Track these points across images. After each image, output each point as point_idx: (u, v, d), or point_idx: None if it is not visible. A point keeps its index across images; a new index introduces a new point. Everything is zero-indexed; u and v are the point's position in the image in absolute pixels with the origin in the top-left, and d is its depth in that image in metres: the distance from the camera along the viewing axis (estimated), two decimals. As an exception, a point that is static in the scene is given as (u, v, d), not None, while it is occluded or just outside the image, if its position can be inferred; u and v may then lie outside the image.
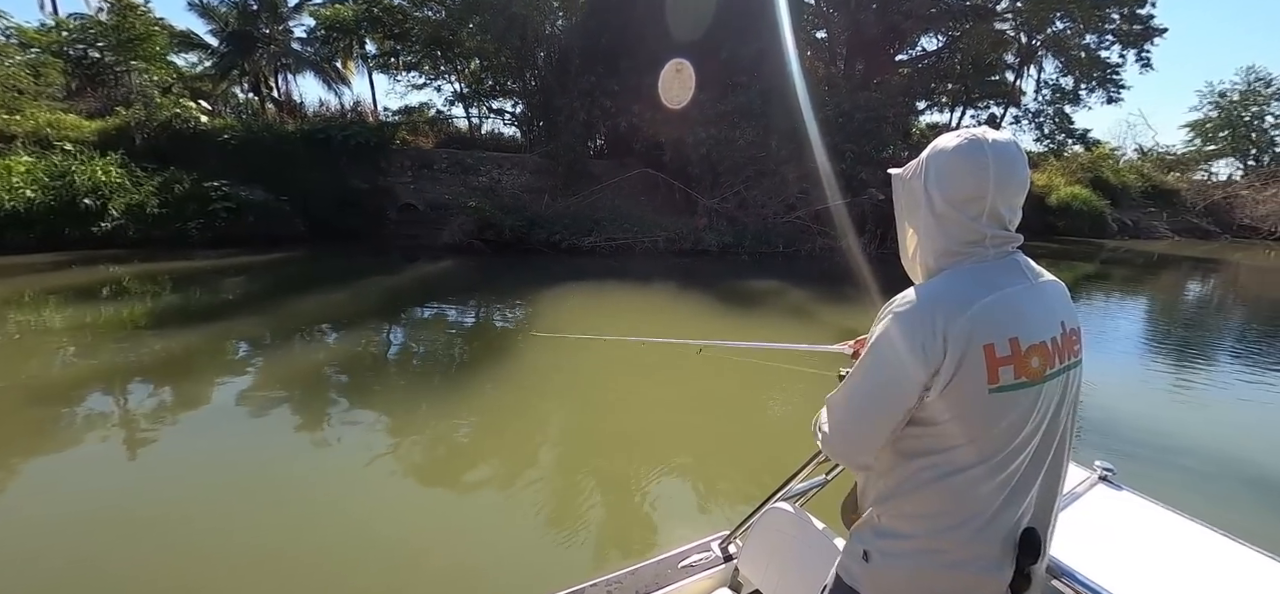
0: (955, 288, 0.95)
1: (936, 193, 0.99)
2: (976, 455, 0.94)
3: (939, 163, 0.99)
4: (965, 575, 0.98)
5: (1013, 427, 0.93)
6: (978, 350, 0.90)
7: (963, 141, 0.97)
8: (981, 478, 0.94)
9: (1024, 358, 0.91)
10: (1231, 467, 4.48)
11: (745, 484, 3.89)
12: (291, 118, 16.82)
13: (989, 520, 0.95)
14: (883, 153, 14.74)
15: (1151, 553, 1.33)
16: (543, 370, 6.16)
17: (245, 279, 10.25)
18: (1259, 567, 1.29)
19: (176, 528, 3.25)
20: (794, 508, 1.87)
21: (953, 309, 0.91)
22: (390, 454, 4.16)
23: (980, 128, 1.00)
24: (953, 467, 0.95)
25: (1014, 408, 0.92)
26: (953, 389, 0.91)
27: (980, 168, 0.95)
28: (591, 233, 13.81)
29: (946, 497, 0.96)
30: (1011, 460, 0.95)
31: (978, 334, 0.90)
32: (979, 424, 0.93)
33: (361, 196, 14.19)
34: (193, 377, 5.63)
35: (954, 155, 0.97)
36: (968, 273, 0.97)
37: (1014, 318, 0.92)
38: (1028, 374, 0.92)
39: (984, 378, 0.90)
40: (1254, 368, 7.47)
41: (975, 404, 0.91)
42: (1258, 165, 30.06)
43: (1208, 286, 14.99)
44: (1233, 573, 1.27)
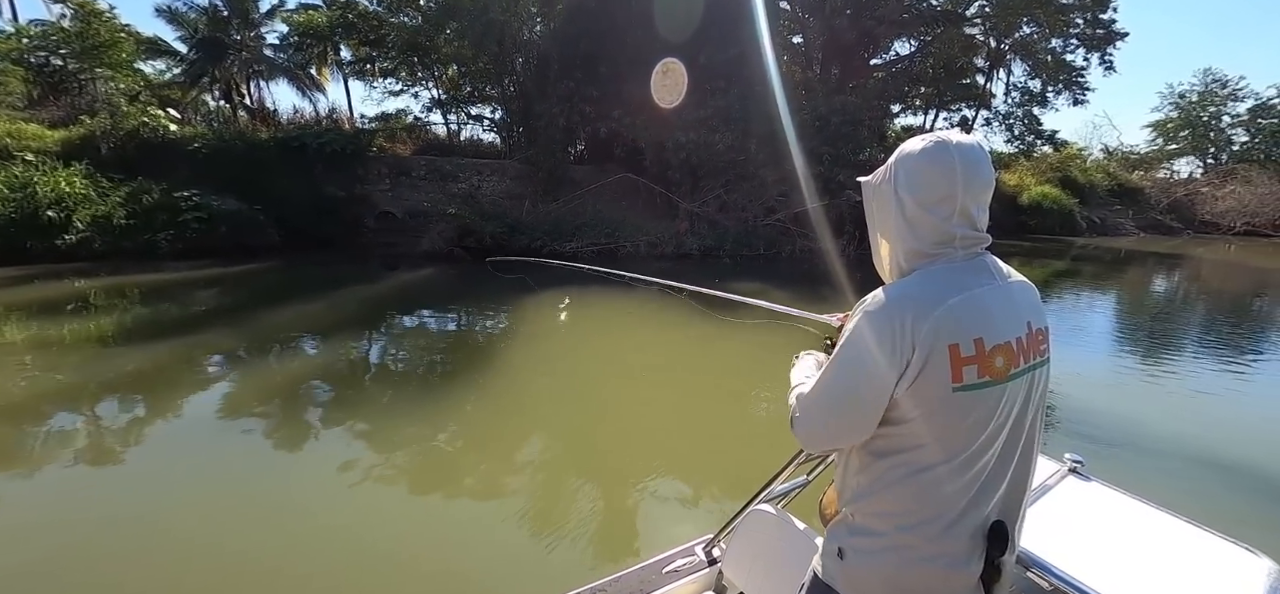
0: (924, 288, 0.97)
1: (907, 196, 1.01)
2: (943, 454, 0.96)
3: (908, 166, 1.01)
4: (935, 570, 1.00)
5: (977, 424, 0.95)
6: (943, 350, 0.92)
7: (929, 144, 1.00)
8: (948, 476, 0.96)
9: (988, 357, 0.94)
10: (1195, 455, 4.64)
11: (729, 486, 3.91)
12: (265, 125, 16.51)
13: (957, 516, 0.98)
14: (859, 155, 14.99)
15: (1119, 542, 1.38)
16: (525, 378, 6.12)
17: (218, 291, 10.01)
18: (1222, 551, 1.35)
19: (151, 548, 3.17)
20: (776, 510, 1.88)
21: (920, 308, 0.93)
22: (371, 467, 4.10)
23: (946, 131, 1.02)
24: (920, 465, 0.97)
25: (978, 406, 0.94)
26: (919, 387, 0.93)
27: (948, 169, 0.97)
28: (573, 238, 13.79)
29: (915, 494, 0.98)
30: (978, 458, 0.97)
31: (943, 334, 0.92)
32: (944, 423, 0.95)
33: (338, 205, 13.97)
34: (165, 393, 5.48)
35: (922, 159, 0.99)
36: (937, 273, 0.98)
37: (979, 318, 0.94)
38: (991, 373, 0.94)
39: (948, 377, 0.92)
40: (1216, 359, 7.75)
41: (940, 403, 0.94)
42: (1216, 163, 31.27)
43: (1172, 281, 15.51)
44: (1197, 558, 1.33)
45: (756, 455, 4.36)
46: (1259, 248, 23.00)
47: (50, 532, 3.31)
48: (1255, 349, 8.40)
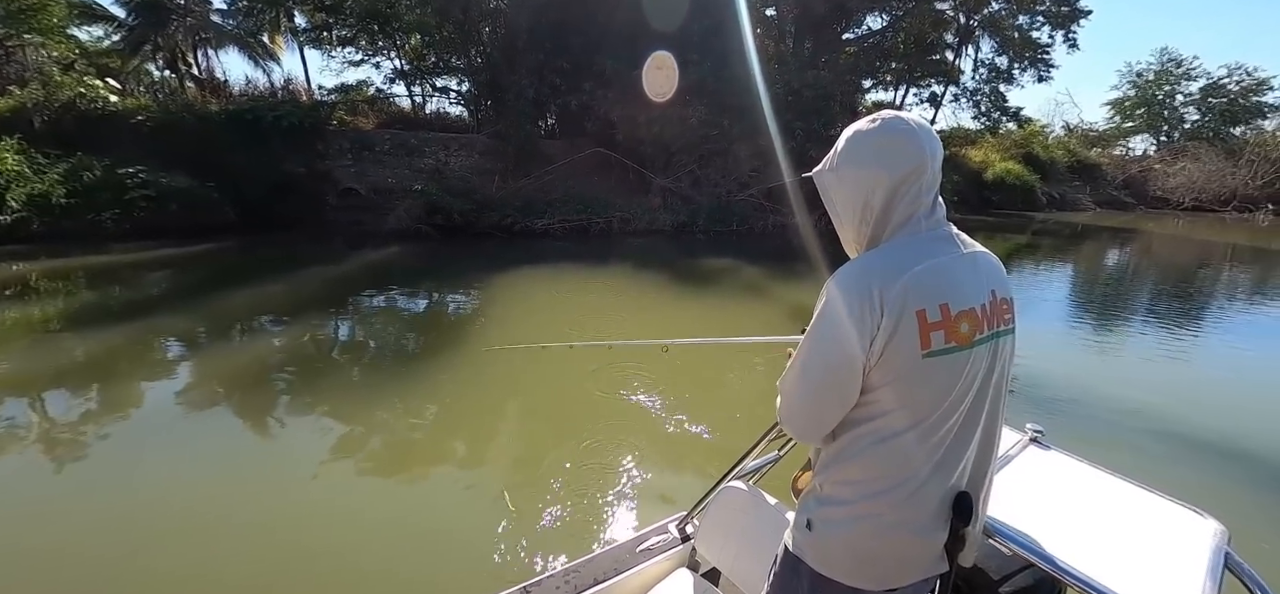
0: (889, 257, 0.98)
1: (869, 173, 1.01)
2: (908, 420, 0.97)
3: (868, 143, 1.01)
4: (900, 537, 1.02)
5: (942, 390, 0.96)
6: (911, 316, 0.93)
7: (888, 120, 1.01)
8: (913, 443, 0.98)
9: (954, 323, 0.95)
10: (1146, 421, 4.88)
11: (703, 464, 3.94)
12: (215, 97, 15.58)
13: (921, 484, 0.99)
14: (831, 130, 15.06)
15: (1077, 508, 1.43)
16: (496, 361, 6.05)
17: (171, 273, 9.56)
18: (1172, 514, 1.41)
19: (108, 542, 3.03)
20: (748, 486, 1.91)
21: (887, 276, 0.94)
22: (340, 451, 4.02)
23: (889, 111, 1.04)
24: (887, 432, 0.98)
25: (944, 372, 0.96)
26: (888, 355, 0.94)
27: (914, 143, 0.99)
28: (544, 215, 13.57)
29: (880, 461, 1.00)
30: (941, 424, 0.98)
31: (911, 300, 0.93)
32: (911, 389, 0.96)
33: (298, 181, 13.38)
34: (118, 380, 5.24)
35: (884, 135, 1.00)
36: (903, 244, 1.00)
37: (945, 284, 0.96)
38: (957, 339, 0.95)
39: (917, 343, 0.93)
40: (1164, 328, 8.15)
41: (908, 369, 0.94)
42: (1169, 141, 32.57)
43: (1124, 255, 16.20)
44: (1149, 521, 1.38)
45: (730, 431, 4.41)
46: (1205, 222, 24.21)
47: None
48: (1198, 319, 8.87)
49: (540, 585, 1.85)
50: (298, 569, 2.90)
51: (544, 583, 1.86)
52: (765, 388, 5.14)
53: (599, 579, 1.88)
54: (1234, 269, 14.01)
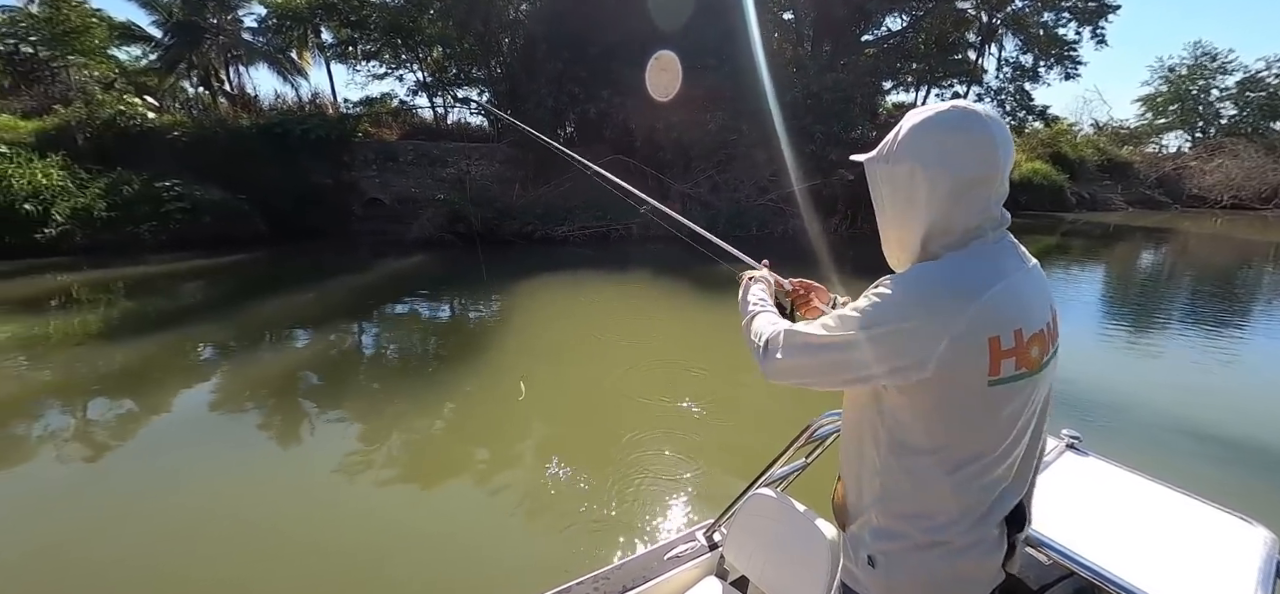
0: (964, 273, 0.89)
1: (940, 173, 0.90)
2: (974, 449, 0.92)
3: (937, 140, 0.90)
4: (970, 562, 0.97)
5: (1011, 417, 0.91)
6: (982, 342, 0.85)
7: (960, 115, 0.90)
8: (982, 472, 0.93)
9: (1026, 348, 0.88)
10: (1186, 427, 4.70)
11: (728, 471, 3.92)
12: (246, 112, 16.12)
13: (989, 510, 0.95)
14: (851, 133, 14.91)
15: (1117, 516, 1.39)
16: (520, 364, 6.09)
17: (204, 283, 9.86)
18: (1218, 522, 1.36)
19: (145, 543, 3.14)
20: (776, 493, 1.89)
21: (962, 295, 0.86)
22: (369, 456, 4.09)
23: (961, 101, 0.94)
24: (952, 463, 0.92)
25: (1013, 399, 0.90)
26: (949, 380, 0.87)
27: (988, 144, 0.89)
28: (564, 222, 13.67)
29: (948, 493, 0.93)
30: (1011, 451, 0.94)
31: (985, 325, 0.85)
32: (975, 417, 0.90)
33: (324, 192, 13.74)
34: (155, 388, 5.41)
35: (956, 132, 0.89)
36: (973, 258, 0.90)
37: (1019, 307, 0.89)
38: (1027, 365, 0.89)
39: (985, 370, 0.86)
40: (1203, 332, 7.85)
41: (972, 396, 0.88)
42: (1204, 137, 31.43)
43: (1160, 255, 15.67)
44: (1194, 529, 1.34)
45: (755, 438, 4.37)
46: (1245, 221, 23.27)
47: (44, 525, 3.27)
48: (1241, 321, 8.52)
49: (570, 591, 1.86)
50: (323, 573, 2.94)
51: (572, 589, 1.86)
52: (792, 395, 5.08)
53: (628, 586, 1.88)
54: (1278, 270, 13.45)
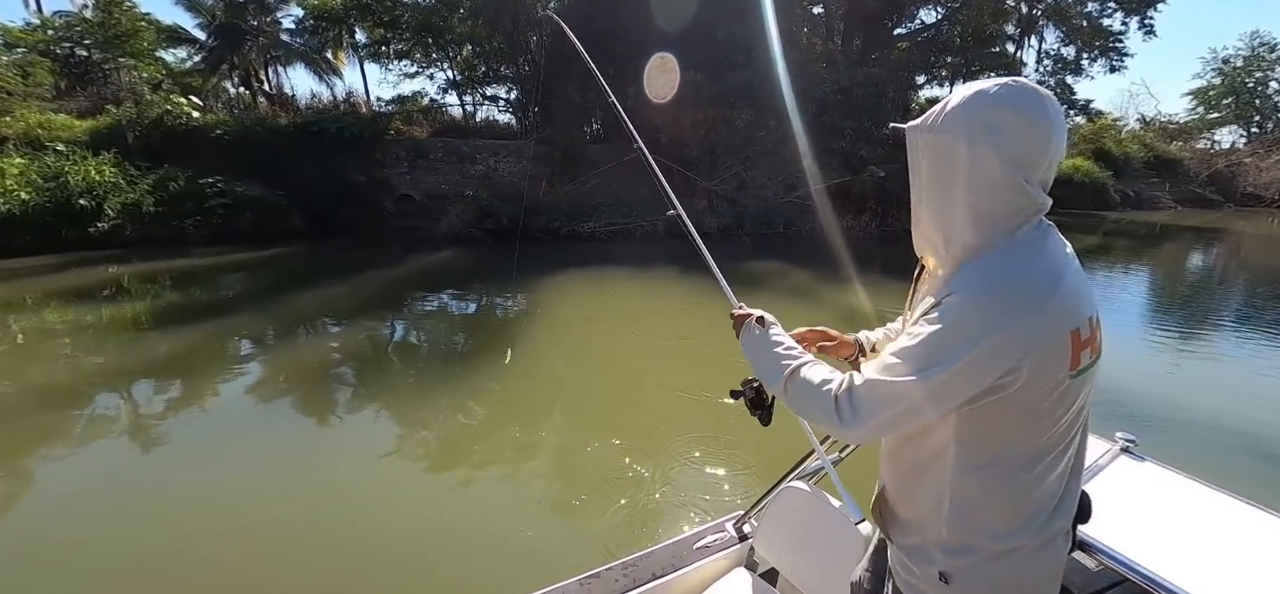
0: (1033, 270, 0.84)
1: (992, 153, 0.83)
2: (1046, 446, 0.89)
3: (994, 118, 0.83)
4: (1043, 563, 0.95)
5: (1079, 408, 0.90)
6: (1064, 337, 0.83)
7: (1019, 91, 0.84)
8: (1050, 467, 0.90)
9: (1094, 335, 0.87)
10: (1244, 433, 4.47)
11: (760, 463, 3.88)
12: (284, 111, 16.65)
13: (1058, 504, 0.93)
14: (882, 130, 14.59)
15: (1176, 522, 1.32)
16: (549, 357, 6.14)
17: (244, 276, 10.20)
18: (1252, 518, 1.27)
19: (189, 523, 3.25)
20: (810, 487, 1.87)
21: (1040, 295, 0.82)
22: (398, 447, 4.17)
23: (1016, 78, 0.88)
24: (1026, 463, 0.89)
25: (1084, 388, 0.88)
26: (1036, 383, 0.83)
27: (1046, 126, 0.83)
28: (590, 219, 13.74)
29: (1022, 496, 0.91)
30: (1074, 442, 0.93)
31: (1066, 319, 0.83)
32: (1055, 413, 0.87)
33: (357, 189, 14.10)
34: (199, 375, 5.63)
35: (1014, 110, 0.83)
36: (1031, 247, 0.86)
37: (1085, 294, 0.87)
38: (1095, 351, 0.87)
39: (1067, 365, 0.83)
40: (1262, 336, 7.44)
41: (1055, 393, 0.85)
42: (1261, 132, 29.78)
43: (1211, 257, 14.92)
44: (1256, 537, 1.25)
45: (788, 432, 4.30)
46: (1305, 220, 21.99)
47: (88, 508, 3.42)
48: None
49: (599, 577, 1.86)
50: (355, 561, 2.99)
51: (603, 575, 1.87)
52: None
53: (657, 574, 1.88)
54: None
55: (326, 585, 2.85)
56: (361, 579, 2.85)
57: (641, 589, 1.83)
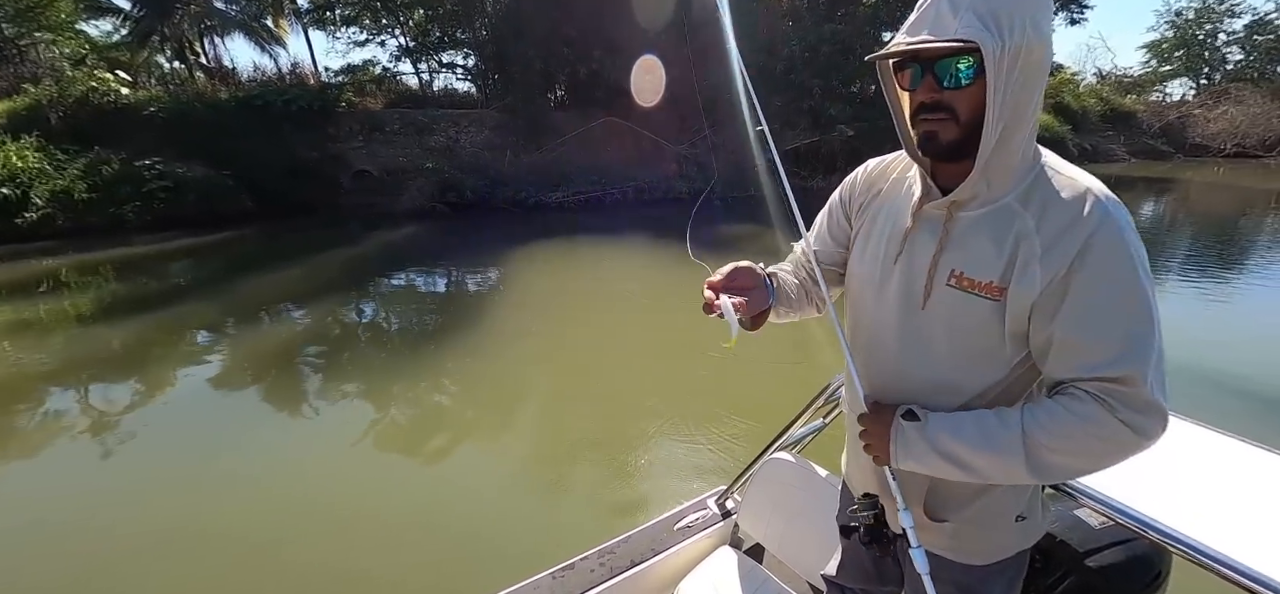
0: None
1: (1047, 47, 0.80)
2: None
3: (1047, 6, 0.80)
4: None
5: None
6: None
7: None
8: None
9: None
10: (1193, 364, 4.63)
11: (741, 434, 3.83)
12: (224, 85, 15.59)
13: None
14: (850, 87, 14.54)
15: (1177, 468, 1.23)
16: (521, 334, 5.99)
17: (194, 263, 9.66)
18: (1246, 453, 1.22)
19: (152, 523, 3.07)
20: (794, 457, 1.80)
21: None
22: (370, 433, 4.02)
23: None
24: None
25: None
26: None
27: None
28: (558, 188, 13.41)
29: None
30: None
31: None
32: None
33: (310, 166, 13.40)
34: (155, 368, 5.33)
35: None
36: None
37: None
38: None
39: None
40: (1207, 277, 7.76)
41: None
42: (1209, 84, 30.82)
43: (1162, 205, 15.51)
44: (1265, 481, 1.19)
45: (769, 399, 4.27)
46: (1248, 169, 23.00)
47: (51, 510, 3.19)
48: (1242, 270, 8.44)
49: (573, 569, 1.75)
50: (326, 550, 2.88)
51: (577, 566, 1.76)
52: (808, 354, 4.97)
53: (635, 560, 1.78)
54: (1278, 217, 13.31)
55: (297, 575, 2.73)
56: (333, 568, 2.74)
57: (619, 579, 1.73)
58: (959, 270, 0.86)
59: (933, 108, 0.83)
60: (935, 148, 0.86)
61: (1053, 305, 0.79)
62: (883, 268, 0.97)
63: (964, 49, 0.76)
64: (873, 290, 0.99)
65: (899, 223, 0.96)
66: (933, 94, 0.82)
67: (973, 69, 0.79)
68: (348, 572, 2.73)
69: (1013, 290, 0.82)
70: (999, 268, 0.83)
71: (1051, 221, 0.80)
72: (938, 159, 0.89)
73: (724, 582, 1.76)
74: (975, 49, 0.75)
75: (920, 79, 0.84)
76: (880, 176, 1.05)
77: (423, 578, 2.74)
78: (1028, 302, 0.81)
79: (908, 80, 0.87)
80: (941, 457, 0.84)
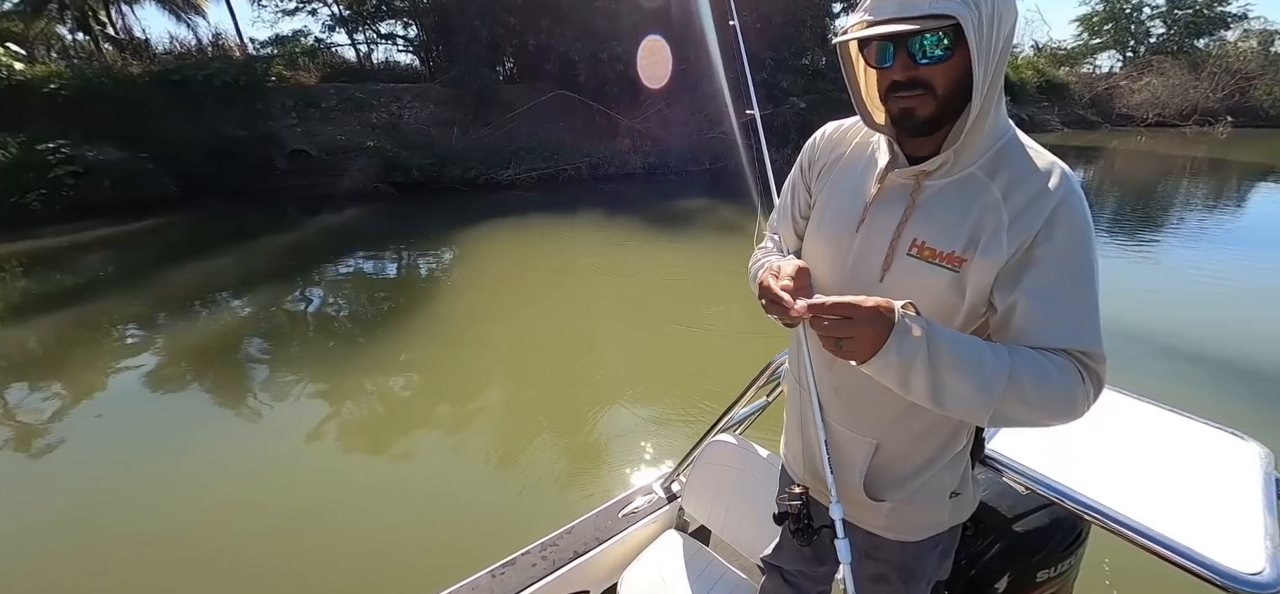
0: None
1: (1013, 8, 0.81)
2: None
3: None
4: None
5: None
6: None
7: None
8: None
9: None
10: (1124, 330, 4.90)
11: (692, 415, 3.83)
12: (136, 59, 14.30)
13: None
14: (802, 58, 14.63)
15: (1096, 437, 1.29)
16: (476, 317, 5.87)
17: (114, 253, 8.93)
18: (1206, 438, 1.27)
19: (91, 536, 2.87)
20: (736, 438, 1.80)
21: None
22: (320, 424, 3.88)
23: None
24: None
25: None
26: None
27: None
28: (509, 165, 13.00)
29: None
30: None
31: None
32: None
33: (239, 146, 12.48)
34: (81, 369, 4.94)
35: None
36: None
37: None
38: None
39: None
40: (1130, 238, 8.26)
41: None
42: (1135, 56, 32.59)
43: (1090, 172, 16.42)
44: (1179, 447, 1.25)
45: (718, 379, 4.29)
46: (1167, 137, 24.61)
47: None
48: (1159, 231, 9.05)
49: (513, 565, 1.70)
50: (267, 550, 2.76)
51: (517, 561, 1.71)
52: (746, 331, 5.01)
53: (580, 551, 1.75)
54: (1193, 182, 14.32)
55: (237, 577, 2.61)
56: (272, 568, 2.65)
57: (562, 571, 1.68)
58: (921, 240, 0.86)
59: (909, 85, 0.81)
60: (913, 124, 0.84)
61: (1019, 273, 0.80)
62: (842, 236, 0.95)
63: (941, 24, 0.74)
64: (829, 258, 0.97)
65: (861, 191, 0.94)
66: (908, 71, 0.80)
67: (950, 42, 0.77)
68: (287, 572, 2.64)
69: (977, 261, 0.82)
70: (961, 238, 0.83)
71: (1019, 193, 0.81)
72: (913, 135, 0.87)
73: (669, 566, 1.75)
74: (953, 23, 0.74)
75: (892, 56, 0.81)
76: (840, 141, 1.03)
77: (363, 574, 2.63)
78: (994, 270, 0.81)
79: (874, 56, 0.84)
80: (928, 363, 0.76)
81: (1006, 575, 1.23)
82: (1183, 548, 0.93)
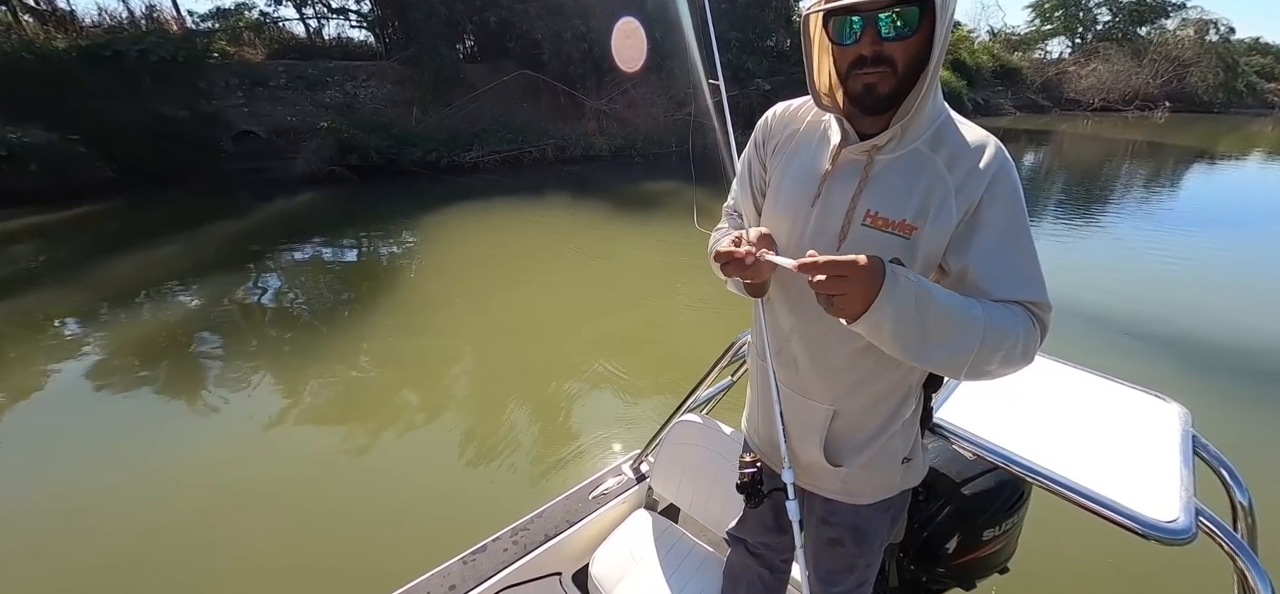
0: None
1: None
2: None
3: None
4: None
5: None
6: None
7: None
8: None
9: None
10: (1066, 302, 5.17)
11: (661, 396, 3.86)
12: (61, 32, 13.24)
13: None
14: (767, 40, 14.68)
15: (1035, 403, 1.38)
16: (440, 303, 5.75)
17: (46, 243, 8.35)
18: (1133, 400, 1.37)
19: (39, 542, 2.72)
20: (702, 417, 1.83)
21: None
22: (280, 416, 3.77)
23: None
24: None
25: None
26: None
27: None
28: (472, 147, 12.68)
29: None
30: None
31: None
32: None
33: (181, 127, 11.76)
34: (14, 367, 4.61)
35: None
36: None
37: None
38: None
39: None
40: (1078, 217, 8.68)
41: None
42: (1083, 43, 33.97)
43: (1040, 155, 17.14)
44: (1110, 410, 1.34)
45: (685, 360, 4.32)
46: (1111, 122, 25.87)
47: None
48: (1101, 210, 9.53)
49: (484, 550, 1.69)
50: (238, 537, 2.69)
51: (489, 547, 1.70)
52: (713, 312, 5.06)
53: (550, 535, 1.75)
54: (1133, 164, 15.12)
55: (201, 575, 2.52)
56: (242, 563, 2.57)
57: (533, 555, 1.69)
58: (874, 211, 0.90)
59: (874, 60, 0.84)
60: (873, 100, 0.87)
61: (969, 234, 0.86)
62: (798, 211, 0.98)
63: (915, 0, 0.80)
64: (788, 229, 1.00)
65: (815, 166, 0.97)
66: (874, 46, 0.83)
67: (916, 18, 0.81)
68: (255, 568, 2.57)
69: (928, 228, 0.87)
70: (911, 208, 0.88)
71: (962, 163, 0.87)
72: (870, 112, 0.90)
73: (639, 544, 1.78)
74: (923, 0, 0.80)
75: (858, 31, 0.83)
76: (792, 119, 1.06)
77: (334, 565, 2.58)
78: (946, 236, 0.87)
79: (835, 31, 0.86)
80: (917, 311, 0.77)
81: (956, 536, 1.31)
82: (1110, 502, 1.02)
